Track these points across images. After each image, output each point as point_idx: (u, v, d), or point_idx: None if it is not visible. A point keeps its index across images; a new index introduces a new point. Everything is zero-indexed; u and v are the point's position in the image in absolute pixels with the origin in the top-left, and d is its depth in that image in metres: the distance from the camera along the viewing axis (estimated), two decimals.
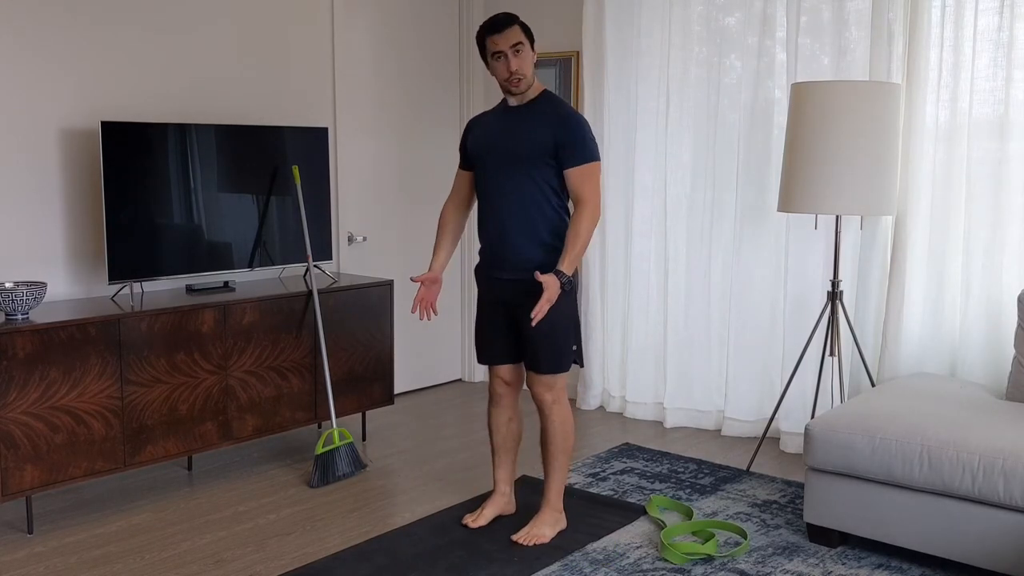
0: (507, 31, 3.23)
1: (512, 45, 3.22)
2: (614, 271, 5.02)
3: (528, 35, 3.28)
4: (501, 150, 3.29)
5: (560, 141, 3.19)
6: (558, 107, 3.27)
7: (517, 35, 3.23)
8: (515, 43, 3.22)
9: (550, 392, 3.34)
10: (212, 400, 3.87)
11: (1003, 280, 3.85)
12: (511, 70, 3.23)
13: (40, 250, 3.86)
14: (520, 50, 3.23)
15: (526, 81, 3.26)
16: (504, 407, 3.50)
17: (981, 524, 2.98)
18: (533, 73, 3.29)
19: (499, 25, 3.25)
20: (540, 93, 3.32)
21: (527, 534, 3.38)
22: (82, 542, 3.39)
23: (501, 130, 3.32)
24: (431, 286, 3.44)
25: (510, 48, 3.22)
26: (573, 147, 3.19)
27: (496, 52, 3.24)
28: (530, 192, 3.24)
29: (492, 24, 3.25)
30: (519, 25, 3.25)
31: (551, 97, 3.32)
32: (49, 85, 3.83)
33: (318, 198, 4.45)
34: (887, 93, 3.71)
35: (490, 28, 3.25)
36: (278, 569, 3.17)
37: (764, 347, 4.56)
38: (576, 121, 3.23)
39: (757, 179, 4.51)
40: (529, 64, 3.26)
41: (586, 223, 3.18)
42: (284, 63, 4.65)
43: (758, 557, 3.27)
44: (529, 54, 3.26)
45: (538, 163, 3.22)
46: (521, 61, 3.23)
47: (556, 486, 3.44)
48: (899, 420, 3.19)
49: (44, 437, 3.40)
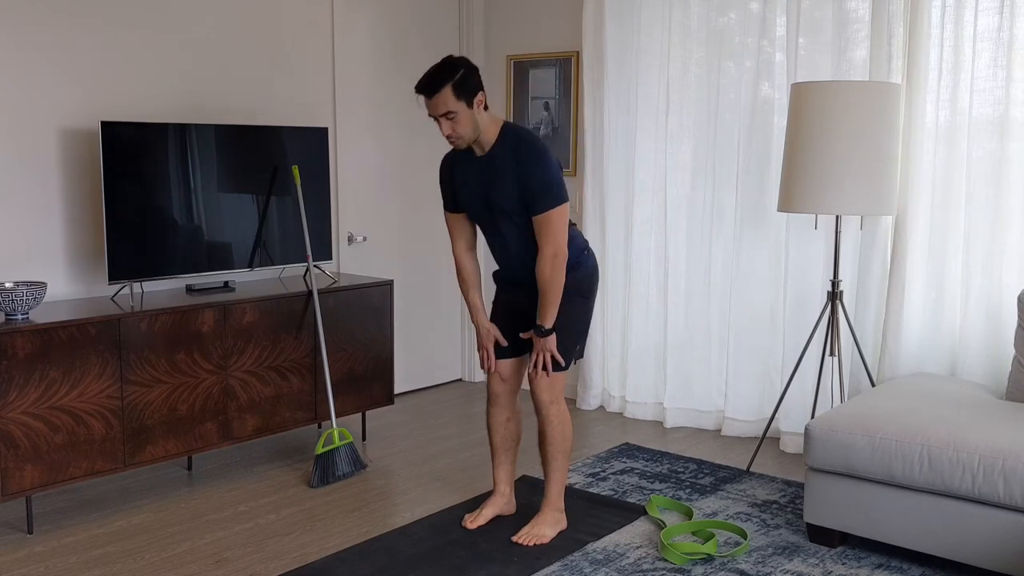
0: (436, 98, 3.06)
1: (443, 113, 3.08)
2: (614, 271, 5.02)
3: (465, 93, 3.05)
4: (483, 204, 3.26)
5: (524, 192, 3.14)
6: (517, 152, 3.13)
7: (447, 103, 3.05)
8: (445, 112, 3.07)
9: (549, 392, 3.34)
10: (212, 400, 3.87)
11: (1003, 280, 3.85)
12: (445, 134, 3.13)
13: (40, 250, 3.86)
14: (452, 117, 3.07)
15: (464, 141, 3.14)
16: (502, 407, 3.50)
17: (981, 524, 2.98)
18: (476, 127, 3.12)
19: (427, 89, 3.07)
20: (499, 135, 3.18)
21: (527, 534, 3.38)
22: (82, 542, 3.39)
23: (476, 187, 3.24)
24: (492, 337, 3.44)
25: (440, 116, 3.09)
26: (534, 197, 3.12)
27: (430, 114, 3.12)
28: (526, 232, 3.23)
29: (421, 86, 3.07)
30: (452, 87, 3.04)
31: (509, 138, 3.16)
32: (49, 85, 3.83)
33: (318, 198, 4.45)
34: (887, 93, 3.71)
35: (420, 89, 3.09)
36: (278, 569, 3.17)
37: (764, 347, 4.56)
38: (535, 165, 3.10)
39: (757, 179, 4.51)
40: (466, 125, 3.09)
41: (547, 273, 3.15)
42: (284, 63, 4.65)
43: (758, 557, 3.27)
44: (466, 116, 3.08)
45: (520, 215, 3.20)
46: (455, 125, 3.09)
47: (556, 486, 3.44)
48: (899, 420, 3.19)
49: (44, 437, 3.40)
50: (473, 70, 3.12)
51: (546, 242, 3.15)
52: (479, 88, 3.12)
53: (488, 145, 3.19)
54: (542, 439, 3.41)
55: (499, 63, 5.54)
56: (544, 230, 3.15)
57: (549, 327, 3.23)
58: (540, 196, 3.11)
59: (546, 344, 3.25)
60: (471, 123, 3.12)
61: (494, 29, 5.54)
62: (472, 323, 3.48)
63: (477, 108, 3.11)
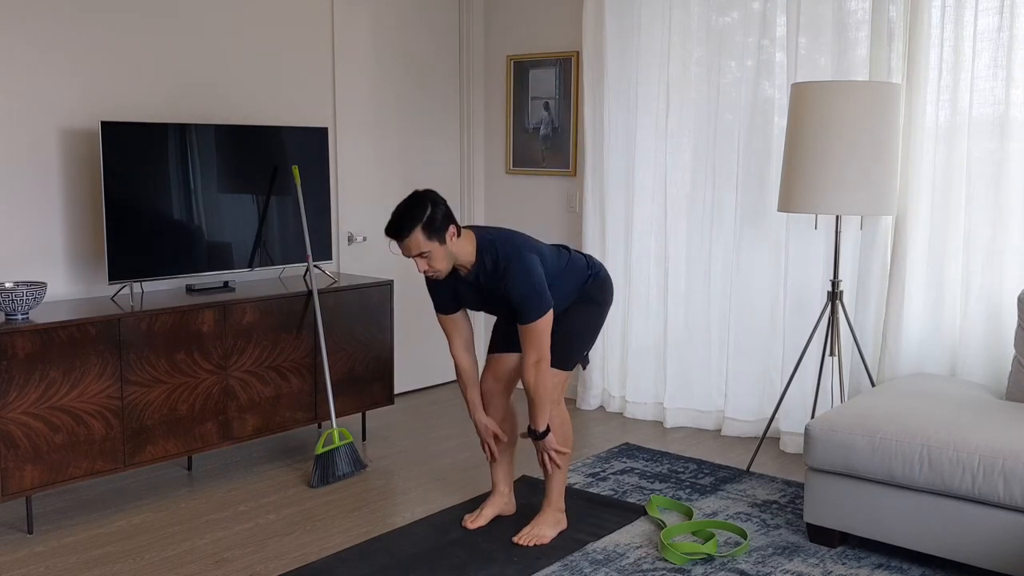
0: (407, 241, 3.07)
1: (417, 254, 3.09)
2: (614, 271, 5.01)
3: (436, 232, 3.06)
4: (484, 306, 3.31)
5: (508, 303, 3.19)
6: (495, 272, 3.17)
7: (418, 244, 3.06)
8: (419, 252, 3.09)
9: (553, 392, 3.34)
10: (212, 400, 3.87)
11: (1003, 280, 3.85)
12: (421, 270, 3.14)
13: (40, 250, 3.86)
14: (428, 255, 3.09)
15: (443, 273, 3.17)
16: (496, 407, 3.50)
17: (981, 524, 2.98)
18: (451, 259, 3.14)
19: (398, 233, 3.08)
20: (476, 254, 3.19)
21: (528, 535, 3.38)
22: (82, 542, 3.39)
23: (472, 295, 3.28)
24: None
25: (415, 256, 3.11)
26: (517, 309, 3.16)
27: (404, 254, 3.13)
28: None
29: (392, 228, 3.08)
30: (421, 229, 3.04)
31: (485, 255, 3.18)
32: (49, 85, 3.83)
33: (318, 198, 4.45)
34: (887, 93, 3.71)
35: (389, 231, 3.09)
36: (278, 569, 3.17)
37: (764, 347, 4.56)
38: (514, 283, 3.12)
39: (757, 179, 4.51)
40: (441, 260, 3.11)
41: (531, 381, 3.18)
42: (284, 63, 4.65)
43: (758, 557, 3.26)
44: (440, 252, 3.10)
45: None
46: (431, 262, 3.11)
47: (557, 487, 3.45)
48: (899, 420, 3.19)
49: (44, 437, 3.40)
50: (440, 203, 3.11)
51: (529, 350, 3.18)
52: (449, 221, 3.10)
53: (469, 265, 3.21)
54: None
55: (499, 63, 5.54)
56: (527, 338, 3.18)
57: (542, 431, 3.27)
58: (522, 309, 3.15)
59: (545, 445, 3.30)
60: (446, 258, 3.14)
61: (494, 29, 5.54)
62: (471, 419, 3.50)
63: (450, 241, 3.12)
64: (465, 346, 3.42)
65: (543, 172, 5.39)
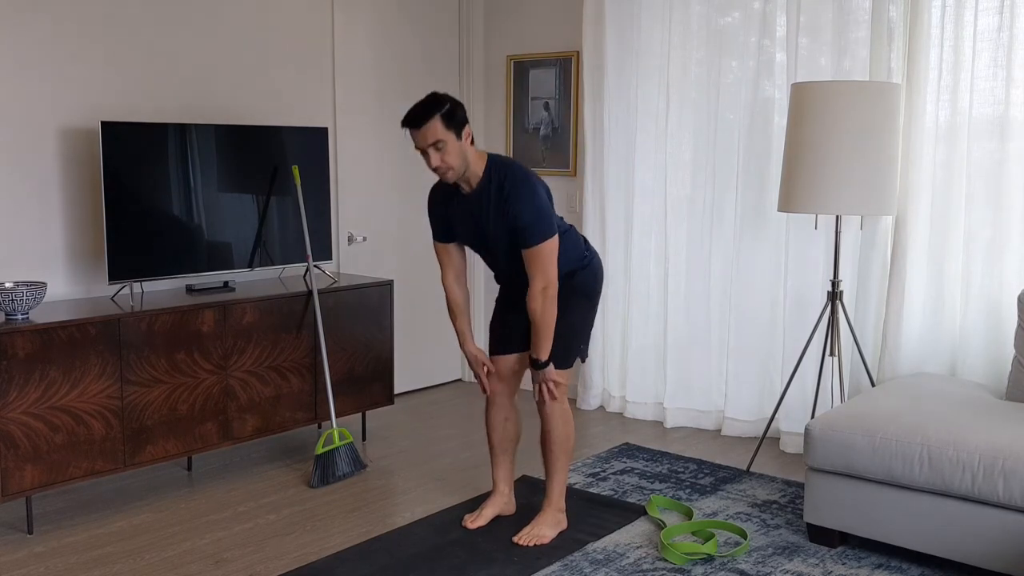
0: (424, 129, 3.04)
1: (432, 143, 3.05)
2: (614, 271, 5.02)
3: (454, 124, 3.05)
4: (476, 239, 3.28)
5: (512, 228, 3.15)
6: (502, 188, 3.13)
7: (435, 132, 3.03)
8: (434, 141, 3.05)
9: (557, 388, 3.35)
10: (212, 400, 3.87)
11: (1003, 280, 3.85)
12: (434, 166, 3.10)
13: (40, 250, 3.86)
14: (441, 147, 3.06)
15: (455, 173, 3.13)
16: (500, 406, 3.50)
17: (981, 524, 2.98)
18: (465, 159, 3.11)
19: (415, 121, 3.05)
20: (485, 170, 3.17)
21: (528, 534, 3.38)
22: (82, 542, 3.39)
23: (468, 221, 3.26)
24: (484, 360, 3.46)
25: (429, 146, 3.07)
26: (523, 233, 3.13)
27: (417, 147, 3.11)
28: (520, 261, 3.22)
29: (409, 118, 3.06)
30: (441, 118, 3.03)
31: (495, 173, 3.16)
32: (49, 85, 3.83)
33: (318, 198, 4.45)
34: (887, 93, 3.71)
35: (407, 122, 3.07)
36: (278, 569, 3.17)
37: (764, 347, 4.56)
38: (522, 200, 3.10)
39: (757, 179, 4.51)
40: (455, 156, 3.08)
41: (538, 307, 3.16)
42: (284, 63, 4.65)
43: (758, 557, 3.26)
44: (455, 146, 3.07)
45: (513, 246, 3.21)
46: (444, 155, 3.07)
47: (558, 486, 3.45)
48: (899, 420, 3.19)
49: (44, 437, 3.40)
50: (460, 105, 3.12)
51: (536, 275, 3.15)
52: (466, 122, 3.12)
53: (475, 180, 3.18)
54: (545, 439, 3.41)
55: (499, 63, 5.54)
56: (534, 263, 3.15)
57: (545, 359, 3.25)
58: (528, 232, 3.12)
59: (546, 375, 3.29)
60: (460, 154, 3.11)
61: (494, 29, 5.54)
62: (462, 351, 3.48)
63: (465, 141, 3.11)
64: (456, 277, 3.43)
65: (543, 172, 5.39)
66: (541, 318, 3.17)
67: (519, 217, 3.11)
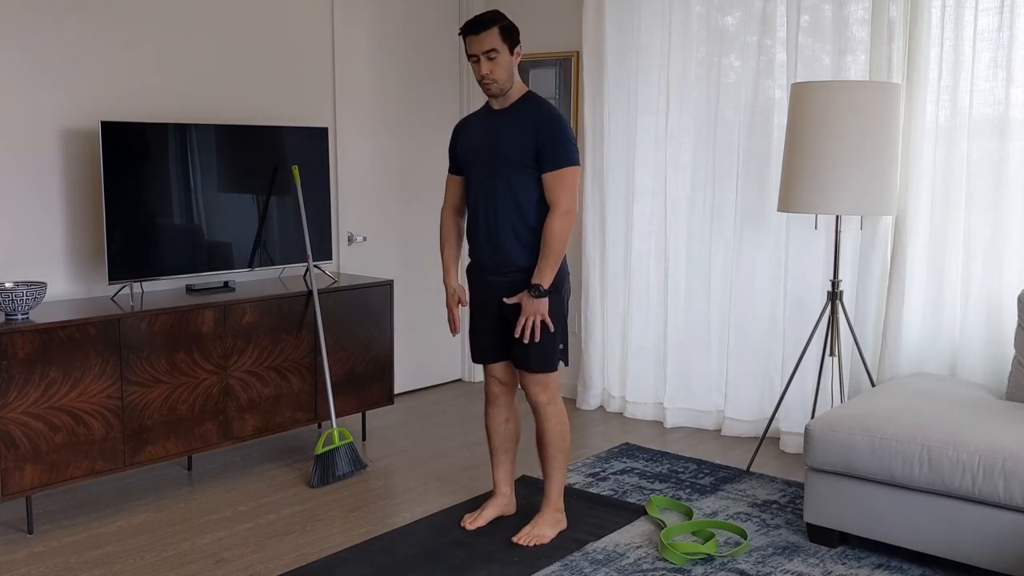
0: (483, 35, 3.16)
1: (486, 51, 3.16)
2: (614, 271, 5.02)
3: (509, 39, 3.19)
4: (486, 154, 3.28)
5: (540, 144, 3.18)
6: (539, 109, 3.24)
7: (493, 40, 3.15)
8: (488, 49, 3.15)
9: (544, 392, 3.33)
10: (212, 400, 3.87)
11: (1003, 280, 3.85)
12: (482, 74, 3.20)
13: (40, 250, 3.86)
14: (494, 57, 3.16)
15: (498, 86, 3.22)
16: (500, 407, 3.50)
17: (981, 524, 2.98)
18: (511, 76, 3.22)
19: (476, 27, 3.17)
20: (522, 95, 3.29)
21: (527, 535, 3.37)
22: (82, 542, 3.39)
23: (485, 134, 3.30)
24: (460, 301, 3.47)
25: (483, 53, 3.17)
26: (550, 151, 3.18)
27: (471, 54, 3.20)
28: (517, 195, 3.24)
29: (470, 24, 3.18)
30: (499, 29, 3.17)
31: (533, 99, 3.28)
32: (49, 85, 3.83)
33: (318, 198, 4.45)
34: (887, 93, 3.71)
35: (467, 28, 3.19)
36: (278, 569, 3.17)
37: (764, 347, 4.56)
38: (556, 124, 3.19)
39: (757, 179, 4.51)
40: (504, 69, 3.19)
41: (557, 228, 3.17)
42: (284, 63, 4.65)
43: (758, 557, 3.26)
44: (506, 60, 3.19)
45: (522, 166, 3.21)
46: (494, 66, 3.18)
47: (556, 486, 3.44)
48: (899, 420, 3.19)
49: (44, 437, 3.40)
50: (517, 28, 3.26)
51: (560, 198, 3.19)
52: (519, 43, 3.25)
53: (511, 101, 3.28)
54: (540, 439, 3.41)
55: None
56: (560, 186, 3.19)
57: (547, 287, 3.20)
58: (559, 153, 3.18)
59: (538, 307, 3.20)
60: (508, 69, 3.21)
61: None
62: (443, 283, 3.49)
63: (515, 58, 3.24)
64: (456, 209, 3.49)
65: None
66: (556, 238, 3.18)
67: (552, 139, 3.18)
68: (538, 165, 3.20)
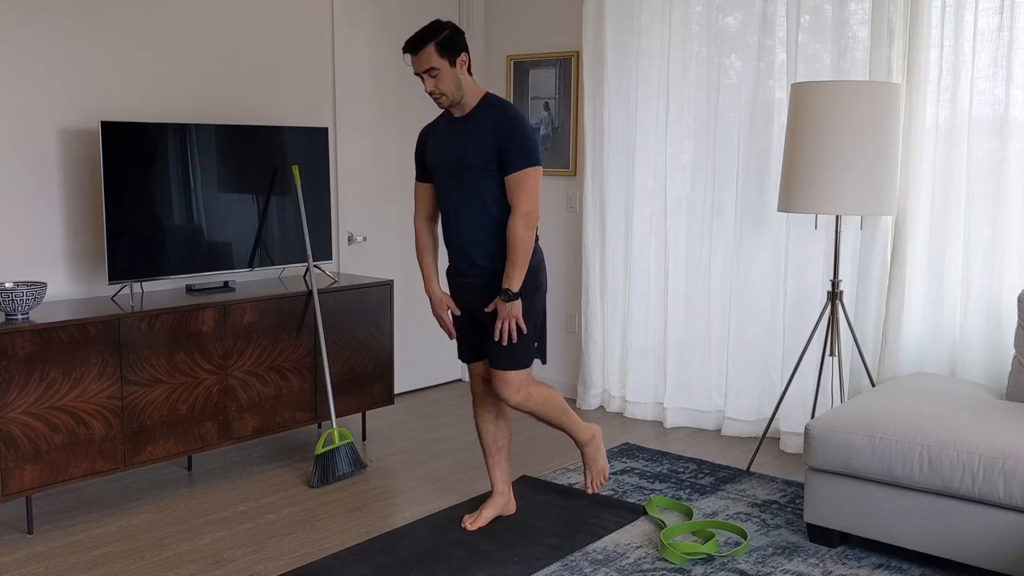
0: (420, 54, 3.16)
1: (426, 70, 3.17)
2: (614, 271, 5.02)
3: (448, 52, 3.16)
4: (451, 161, 3.28)
5: (501, 148, 3.18)
6: (499, 113, 3.21)
7: (430, 59, 3.14)
8: (428, 68, 3.16)
9: (516, 392, 3.33)
10: (212, 400, 3.87)
11: (1003, 280, 3.85)
12: (427, 90, 3.21)
13: (40, 250, 3.86)
14: (435, 74, 3.16)
15: (447, 99, 3.22)
16: (488, 406, 3.50)
17: (981, 524, 2.98)
18: (459, 86, 3.20)
19: (413, 47, 3.17)
20: (481, 99, 3.26)
21: (591, 480, 3.61)
22: (82, 542, 3.39)
23: (448, 141, 3.29)
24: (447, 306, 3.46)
25: (424, 72, 3.18)
26: (510, 154, 3.17)
27: (415, 72, 3.21)
28: (484, 198, 3.24)
29: (408, 44, 3.18)
30: (436, 45, 3.14)
31: (491, 102, 3.26)
32: (49, 85, 3.83)
33: (318, 198, 4.45)
34: (887, 93, 3.71)
35: (406, 47, 3.19)
36: (278, 569, 3.17)
37: (764, 347, 4.56)
38: (516, 127, 3.17)
39: (757, 179, 4.51)
40: (448, 83, 3.18)
41: (519, 230, 3.17)
42: (284, 63, 4.65)
43: (758, 557, 3.26)
44: (449, 74, 3.17)
45: (487, 171, 3.21)
46: (438, 82, 3.18)
47: (573, 429, 3.54)
48: (899, 420, 3.19)
49: (44, 437, 3.40)
50: (459, 33, 3.22)
51: (521, 200, 3.19)
52: (463, 49, 3.21)
53: (469, 108, 3.27)
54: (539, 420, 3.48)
55: (499, 63, 5.54)
56: (520, 188, 3.19)
57: (516, 290, 3.21)
58: (518, 155, 3.17)
59: (511, 310, 3.22)
60: (453, 81, 3.19)
61: (494, 29, 5.54)
62: (426, 292, 3.50)
63: (460, 68, 3.20)
64: (429, 217, 3.49)
65: (543, 172, 5.39)
66: (519, 241, 3.18)
67: (511, 142, 3.17)
68: (501, 168, 3.20)
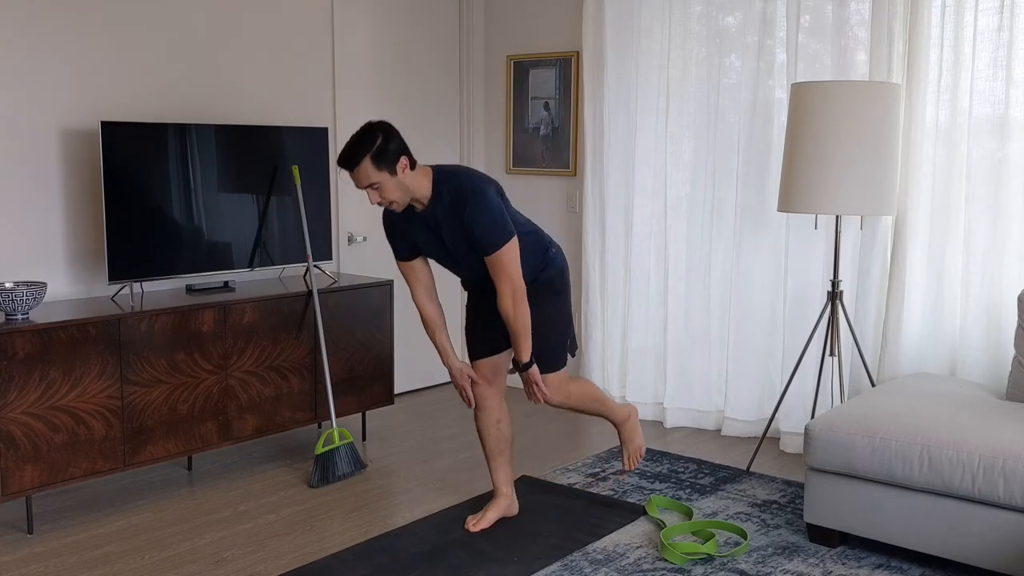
0: (356, 172, 3.05)
1: (367, 186, 3.07)
2: (614, 271, 5.02)
3: (385, 162, 3.03)
4: (436, 251, 3.27)
5: (470, 236, 3.15)
6: (455, 195, 3.12)
7: (368, 175, 3.04)
8: (369, 184, 3.06)
9: (558, 394, 3.41)
10: (212, 400, 3.87)
11: (1003, 280, 3.85)
12: (374, 202, 3.13)
13: (40, 250, 3.86)
14: (378, 187, 3.07)
15: (398, 205, 3.14)
16: (490, 410, 3.49)
17: (981, 524, 2.98)
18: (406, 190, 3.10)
19: (346, 163, 3.05)
20: (433, 189, 3.15)
21: (628, 459, 3.69)
22: (82, 542, 3.39)
23: (426, 232, 3.24)
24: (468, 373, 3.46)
25: (365, 187, 3.08)
26: (481, 241, 3.13)
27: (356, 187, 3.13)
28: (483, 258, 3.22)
29: (341, 158, 3.07)
30: (370, 159, 3.02)
31: (442, 186, 3.14)
32: (49, 85, 3.83)
33: (318, 198, 4.45)
34: (887, 93, 3.71)
35: (340, 163, 3.08)
36: (278, 569, 3.17)
37: (764, 347, 4.56)
38: (474, 208, 3.08)
39: (757, 179, 4.51)
40: (393, 191, 3.08)
41: (509, 309, 3.17)
42: (284, 63, 4.65)
43: (758, 557, 3.26)
44: (391, 183, 3.06)
45: (475, 251, 3.19)
46: (383, 193, 3.08)
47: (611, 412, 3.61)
48: (899, 420, 3.19)
49: (44, 437, 3.40)
50: (392, 135, 3.09)
51: (502, 281, 3.16)
52: (401, 152, 3.08)
53: (425, 200, 3.18)
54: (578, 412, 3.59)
55: (499, 63, 5.54)
56: (497, 270, 3.16)
57: (527, 360, 3.27)
58: (487, 241, 3.12)
59: (531, 376, 3.32)
60: (398, 189, 3.10)
61: (494, 29, 5.54)
62: (444, 366, 3.47)
63: (402, 173, 3.09)
64: (427, 292, 3.38)
65: (543, 172, 5.39)
66: (515, 321, 3.19)
67: (474, 228, 3.11)
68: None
